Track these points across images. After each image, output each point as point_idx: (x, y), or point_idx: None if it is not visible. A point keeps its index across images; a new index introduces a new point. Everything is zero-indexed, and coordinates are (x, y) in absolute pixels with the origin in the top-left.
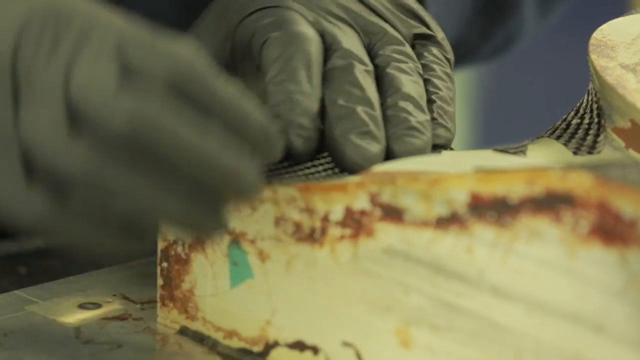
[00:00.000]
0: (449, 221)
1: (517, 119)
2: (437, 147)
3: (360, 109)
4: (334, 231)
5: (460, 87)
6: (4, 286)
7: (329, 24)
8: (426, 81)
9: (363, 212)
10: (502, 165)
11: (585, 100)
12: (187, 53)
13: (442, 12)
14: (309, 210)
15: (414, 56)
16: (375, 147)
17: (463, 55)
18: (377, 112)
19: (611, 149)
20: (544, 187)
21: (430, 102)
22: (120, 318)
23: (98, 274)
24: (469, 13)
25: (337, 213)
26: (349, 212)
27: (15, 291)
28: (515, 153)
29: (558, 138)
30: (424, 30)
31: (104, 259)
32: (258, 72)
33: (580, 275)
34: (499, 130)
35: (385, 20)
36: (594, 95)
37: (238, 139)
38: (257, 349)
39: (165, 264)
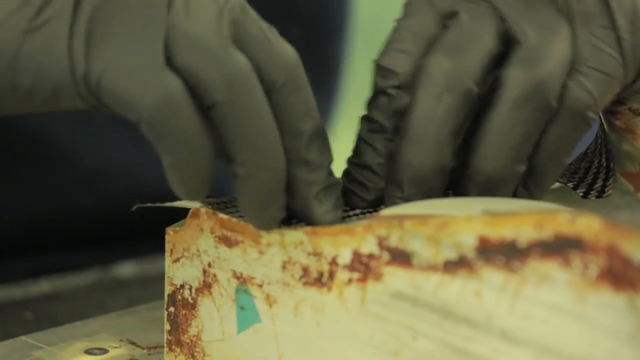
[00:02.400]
0: (457, 265)
1: None
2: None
3: None
4: (342, 275)
5: None
6: (10, 332)
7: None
8: None
9: (371, 256)
10: (510, 208)
11: (594, 144)
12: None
13: None
14: (317, 254)
15: None
16: None
17: None
18: None
19: (620, 193)
20: (552, 231)
21: None
22: None
23: (104, 319)
24: None
25: (345, 257)
26: (356, 256)
27: (22, 337)
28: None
29: (567, 182)
30: None
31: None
32: None
33: (589, 320)
34: None
35: None
36: (603, 139)
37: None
38: None
39: (172, 309)
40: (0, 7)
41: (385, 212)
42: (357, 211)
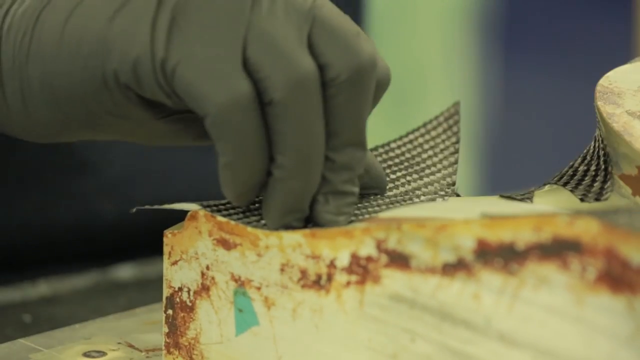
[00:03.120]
0: (456, 268)
1: (524, 166)
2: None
3: None
4: (340, 278)
5: (466, 135)
6: (9, 334)
7: None
8: None
9: (369, 259)
10: (508, 211)
11: (592, 147)
12: (372, 54)
13: None
14: (315, 257)
15: None
16: None
17: None
18: None
19: (618, 196)
20: (551, 234)
21: None
22: None
23: (103, 321)
24: None
25: (343, 259)
26: (355, 259)
27: (20, 339)
28: (521, 200)
29: (565, 185)
30: None
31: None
32: None
33: (587, 323)
34: (506, 177)
35: None
36: (600, 142)
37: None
38: None
39: (170, 311)
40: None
41: (384, 214)
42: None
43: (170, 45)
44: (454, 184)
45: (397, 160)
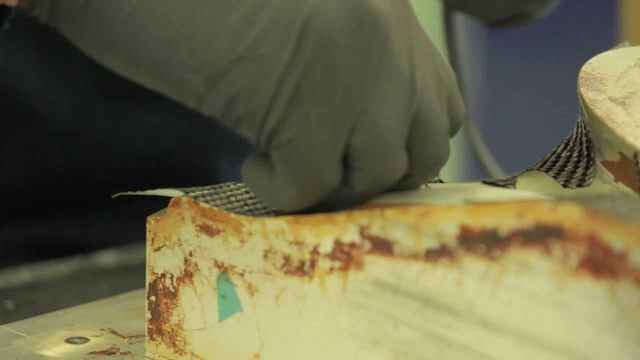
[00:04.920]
0: (439, 254)
1: (507, 152)
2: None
3: None
4: (323, 264)
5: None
6: None
7: None
8: None
9: (352, 245)
10: (491, 197)
11: (574, 133)
12: (449, 149)
13: None
14: (298, 243)
15: None
16: None
17: None
18: None
19: (600, 182)
20: (533, 220)
21: None
22: (108, 352)
23: (85, 307)
24: None
25: (326, 246)
26: (338, 245)
27: (2, 326)
28: (504, 186)
29: (547, 171)
30: None
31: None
32: None
33: (569, 308)
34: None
35: None
36: (583, 128)
37: None
38: None
39: (153, 298)
40: (213, 15)
41: (367, 201)
42: None
43: (286, 119)
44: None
45: None
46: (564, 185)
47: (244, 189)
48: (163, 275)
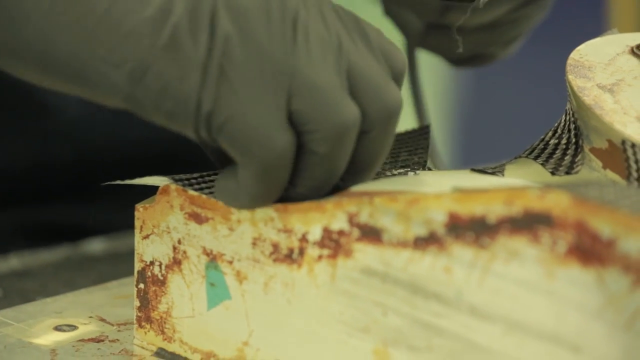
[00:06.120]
0: (427, 241)
1: (495, 140)
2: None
3: None
4: (312, 252)
5: (438, 107)
6: None
7: None
8: None
9: (341, 233)
10: (480, 185)
11: (563, 121)
12: (399, 98)
13: None
14: (287, 231)
15: None
16: None
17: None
18: None
19: (589, 169)
20: (521, 207)
21: None
22: (97, 340)
23: (74, 295)
24: None
25: (315, 233)
26: (327, 233)
27: None
28: (493, 173)
29: (536, 158)
30: None
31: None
32: None
33: (558, 296)
34: (477, 150)
35: None
36: (571, 115)
37: None
38: None
39: (142, 285)
40: (129, 8)
41: (356, 188)
42: None
43: (219, 101)
44: (425, 162)
45: None
46: (552, 173)
47: None
48: (152, 263)
